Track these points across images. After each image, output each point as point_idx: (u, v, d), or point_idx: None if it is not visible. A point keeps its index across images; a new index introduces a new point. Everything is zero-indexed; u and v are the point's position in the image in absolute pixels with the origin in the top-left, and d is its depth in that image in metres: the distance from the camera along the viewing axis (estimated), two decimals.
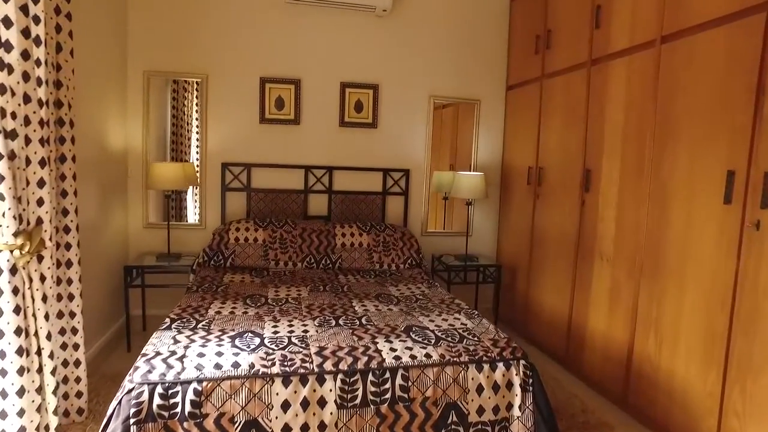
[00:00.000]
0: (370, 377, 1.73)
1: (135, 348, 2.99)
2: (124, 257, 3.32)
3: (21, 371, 1.73)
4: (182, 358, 1.69)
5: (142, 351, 1.74)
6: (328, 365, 1.72)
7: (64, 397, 2.11)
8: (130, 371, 1.61)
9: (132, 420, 1.50)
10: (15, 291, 1.70)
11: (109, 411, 1.54)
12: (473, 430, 1.80)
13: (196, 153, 3.45)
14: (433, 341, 1.97)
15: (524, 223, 3.59)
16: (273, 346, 1.84)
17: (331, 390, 1.68)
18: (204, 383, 1.59)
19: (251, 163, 3.49)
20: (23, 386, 1.75)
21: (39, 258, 1.83)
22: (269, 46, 3.45)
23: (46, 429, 1.89)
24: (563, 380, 2.92)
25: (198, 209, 3.49)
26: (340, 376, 1.70)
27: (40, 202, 1.82)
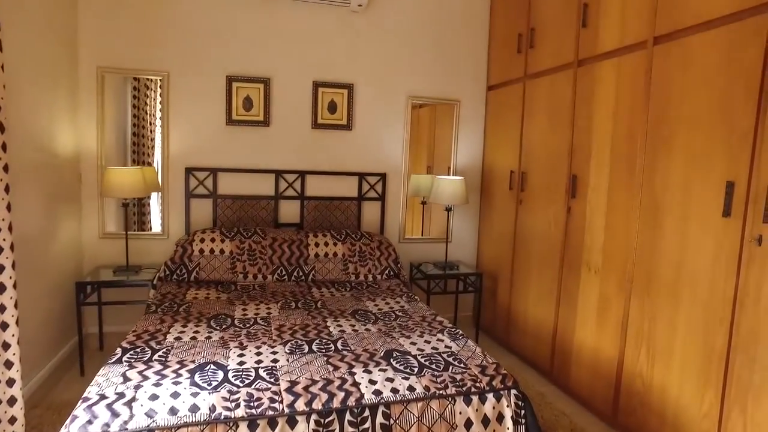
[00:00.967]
0: (348, 416, 1.54)
1: (89, 371, 2.73)
2: (78, 271, 3.05)
3: None
4: (131, 403, 1.47)
5: (84, 394, 1.52)
6: (300, 404, 1.53)
7: None
8: (67, 421, 1.38)
9: None
10: None
11: None
12: None
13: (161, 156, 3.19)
14: (416, 370, 1.79)
15: (506, 230, 3.46)
16: (238, 382, 1.63)
17: None
18: None
19: (218, 168, 3.25)
20: None
21: None
22: (236, 42, 3.21)
23: None
24: (549, 395, 2.79)
25: (161, 217, 3.24)
26: (314, 417, 1.51)
27: None
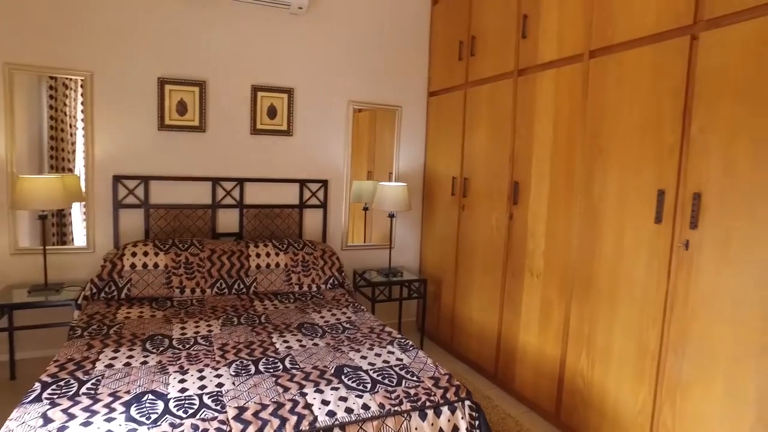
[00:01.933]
0: None
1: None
2: None
3: None
4: None
5: None
6: None
7: None
8: None
9: None
10: None
11: None
12: None
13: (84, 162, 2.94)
14: (369, 386, 1.76)
15: (449, 235, 3.50)
16: (181, 413, 1.51)
17: None
18: None
19: (149, 176, 3.04)
20: None
21: None
22: (169, 42, 3.02)
23: None
24: (495, 398, 2.85)
25: (86, 230, 2.98)
26: None
27: None
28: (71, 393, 1.61)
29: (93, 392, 1.63)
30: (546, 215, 2.61)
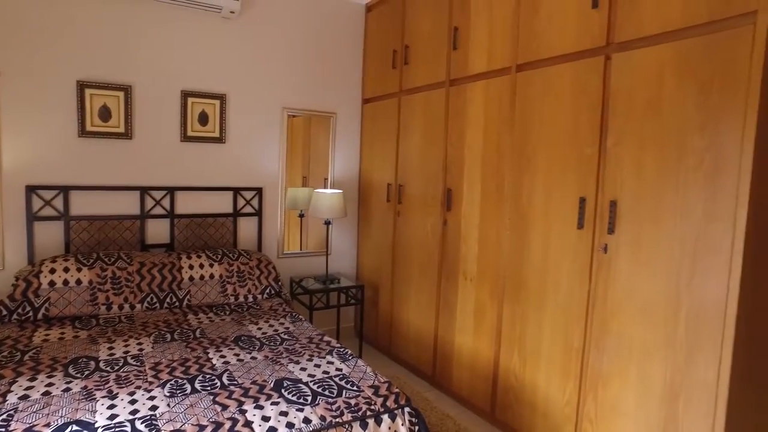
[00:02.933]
0: None
1: None
2: None
3: None
4: None
5: None
6: None
7: None
8: None
9: None
10: None
11: None
12: None
13: None
14: (310, 399, 1.75)
15: (385, 241, 3.55)
16: None
17: None
18: None
19: (69, 186, 2.85)
20: None
21: None
22: (90, 43, 2.85)
23: None
24: (433, 400, 2.92)
25: None
26: None
27: None
28: None
29: (3, 429, 1.50)
30: (478, 221, 2.72)
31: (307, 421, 1.62)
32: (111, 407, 1.64)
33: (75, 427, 1.51)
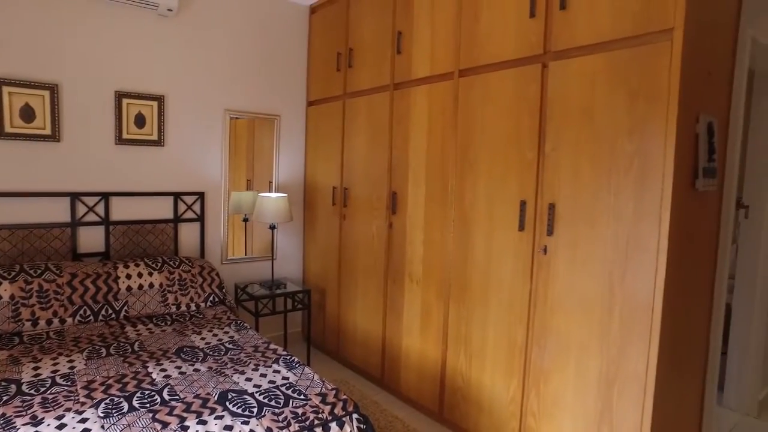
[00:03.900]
0: None
1: None
2: None
3: None
4: None
5: None
6: None
7: None
8: None
9: None
10: None
11: None
12: None
13: None
14: (256, 411, 1.71)
15: (332, 245, 3.53)
16: None
17: None
18: None
19: None
20: None
21: None
22: (10, 37, 2.65)
23: None
24: (382, 402, 2.93)
25: None
26: None
27: None
28: None
29: None
30: (422, 223, 2.75)
31: None
32: None
33: None
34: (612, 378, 1.89)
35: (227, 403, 1.75)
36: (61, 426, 1.58)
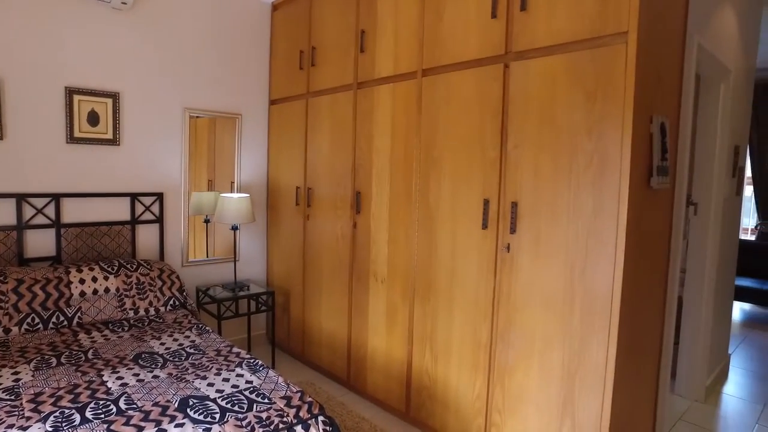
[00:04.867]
0: None
1: None
2: None
3: None
4: None
5: None
6: None
7: None
8: None
9: None
10: None
11: None
12: None
13: None
14: (218, 417, 1.66)
15: (295, 245, 3.48)
16: None
17: None
18: None
19: None
20: None
21: None
22: None
23: None
24: (349, 403, 2.91)
25: None
26: None
27: None
28: None
29: None
30: (387, 223, 2.75)
31: None
32: None
33: None
34: (574, 370, 1.94)
35: (188, 410, 1.70)
36: None
